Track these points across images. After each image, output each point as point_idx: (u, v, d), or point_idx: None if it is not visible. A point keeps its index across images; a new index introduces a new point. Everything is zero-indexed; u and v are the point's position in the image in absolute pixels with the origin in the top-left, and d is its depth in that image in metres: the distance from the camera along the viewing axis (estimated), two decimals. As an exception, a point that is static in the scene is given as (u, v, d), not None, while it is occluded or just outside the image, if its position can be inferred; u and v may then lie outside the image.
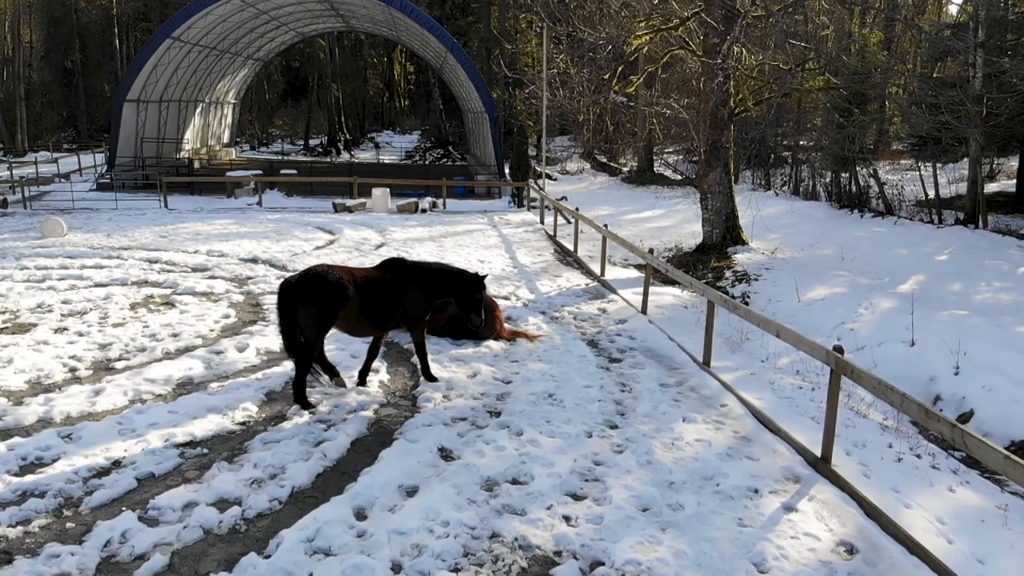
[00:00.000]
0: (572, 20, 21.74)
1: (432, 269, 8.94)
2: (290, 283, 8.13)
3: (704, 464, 7.24)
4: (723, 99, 17.54)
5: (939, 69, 32.46)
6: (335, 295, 8.07)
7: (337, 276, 8.17)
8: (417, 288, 8.75)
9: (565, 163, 48.13)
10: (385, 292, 8.50)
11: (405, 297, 8.65)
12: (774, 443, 7.84)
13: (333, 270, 8.25)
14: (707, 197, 18.93)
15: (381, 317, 8.53)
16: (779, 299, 15.36)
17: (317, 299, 8.01)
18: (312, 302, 8.01)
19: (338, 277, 8.16)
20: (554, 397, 8.89)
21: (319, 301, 8.02)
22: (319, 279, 8.07)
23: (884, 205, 25.24)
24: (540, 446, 7.48)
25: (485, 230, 23.22)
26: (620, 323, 12.56)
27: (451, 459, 7.24)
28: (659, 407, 8.64)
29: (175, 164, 35.83)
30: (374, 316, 8.46)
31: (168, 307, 12.91)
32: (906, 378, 11.64)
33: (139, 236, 20.38)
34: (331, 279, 8.09)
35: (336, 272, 8.23)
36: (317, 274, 8.12)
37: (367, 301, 8.33)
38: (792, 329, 8.19)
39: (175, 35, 32.25)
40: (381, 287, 8.50)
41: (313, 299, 8.01)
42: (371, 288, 8.41)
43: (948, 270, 17.36)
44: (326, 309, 8.07)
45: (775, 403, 9.07)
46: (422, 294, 8.80)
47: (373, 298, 8.38)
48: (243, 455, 7.28)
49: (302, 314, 8.05)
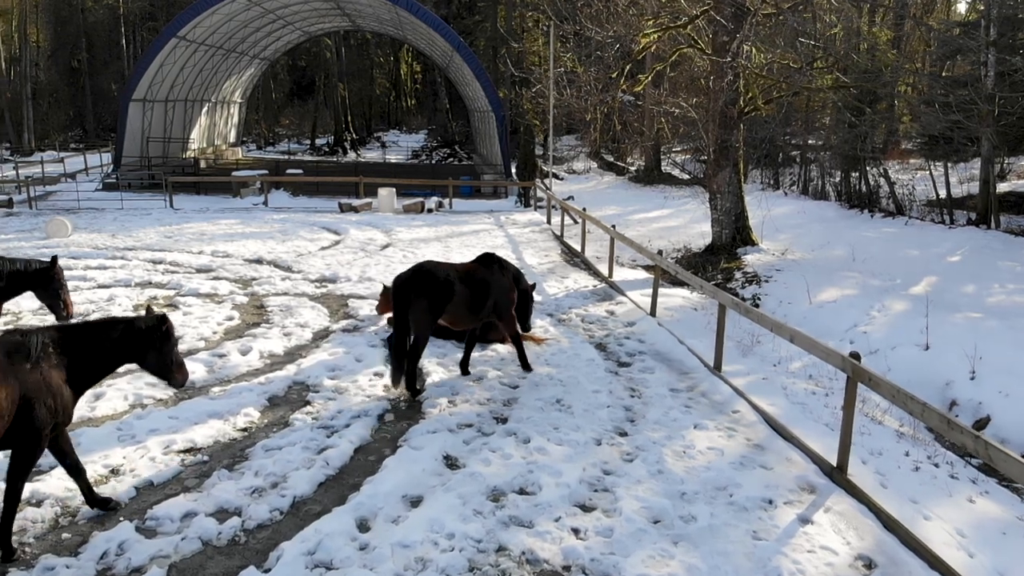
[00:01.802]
0: (579, 18, 21.55)
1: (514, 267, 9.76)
2: (404, 279, 8.59)
3: (717, 473, 7.04)
4: (732, 98, 17.32)
5: (948, 68, 32.18)
6: (444, 290, 8.60)
7: (445, 272, 8.72)
8: (508, 280, 9.37)
9: (572, 162, 47.91)
10: (483, 284, 9.04)
11: (498, 289, 9.20)
12: (788, 451, 7.64)
13: (440, 266, 8.85)
14: (716, 197, 18.71)
15: (479, 308, 9.06)
16: (790, 301, 15.13)
17: (428, 293, 8.53)
18: (424, 296, 8.51)
19: (446, 273, 8.70)
20: (562, 403, 8.70)
21: (430, 295, 8.53)
22: (430, 275, 8.58)
23: (895, 205, 24.98)
24: (548, 454, 7.30)
25: (491, 230, 23.04)
26: (629, 326, 12.37)
27: (456, 467, 7.06)
28: (670, 413, 8.45)
29: (181, 164, 35.77)
30: (475, 307, 9.00)
31: (171, 309, 12.76)
32: (921, 383, 11.41)
33: (144, 236, 20.26)
34: (440, 275, 8.62)
35: (443, 268, 8.82)
36: (428, 271, 8.64)
37: (471, 294, 8.87)
38: (806, 334, 7.99)
39: (181, 34, 32.16)
40: (480, 279, 9.04)
41: (425, 293, 8.52)
42: (472, 281, 8.95)
43: (961, 271, 17.10)
44: (436, 303, 8.58)
45: (788, 409, 8.87)
46: (510, 287, 9.39)
47: (474, 291, 8.93)
48: (244, 462, 7.12)
49: (415, 307, 8.53)
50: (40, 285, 8.91)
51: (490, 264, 9.32)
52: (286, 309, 12.69)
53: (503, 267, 9.39)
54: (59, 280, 8.98)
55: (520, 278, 9.66)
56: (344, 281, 15.00)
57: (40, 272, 8.84)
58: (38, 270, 8.84)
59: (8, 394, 5.18)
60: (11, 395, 5.20)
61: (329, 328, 11.74)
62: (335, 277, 15.23)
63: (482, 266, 9.26)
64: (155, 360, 6.02)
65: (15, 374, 5.30)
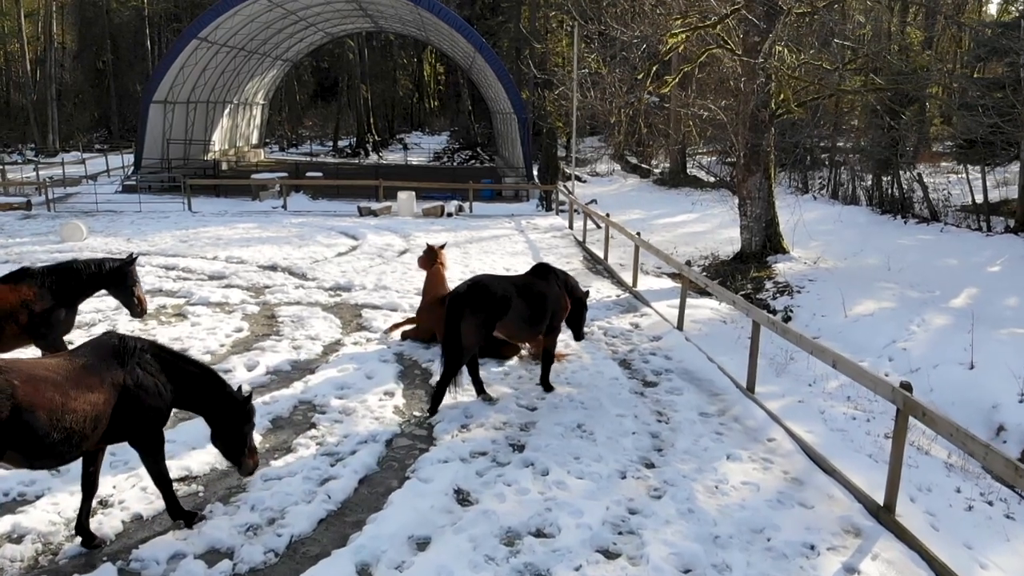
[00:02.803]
0: (604, 19, 20.96)
1: (572, 277, 9.55)
2: (459, 294, 8.41)
3: (752, 513, 6.44)
4: (764, 100, 16.65)
5: (979, 70, 31.21)
6: (500, 305, 8.42)
7: (502, 286, 8.56)
8: (562, 292, 9.10)
9: (595, 164, 47.24)
10: (540, 297, 8.82)
11: (553, 302, 8.95)
12: (829, 486, 7.02)
13: (497, 280, 8.74)
14: (746, 203, 18.04)
15: (538, 321, 8.84)
16: (823, 314, 14.46)
17: (485, 309, 8.35)
18: (480, 312, 8.34)
19: (503, 288, 8.55)
20: (583, 428, 8.13)
21: (487, 311, 8.37)
22: (486, 290, 8.41)
23: (929, 211, 24.13)
24: (568, 489, 6.73)
25: (512, 235, 22.49)
26: (654, 340, 11.76)
27: (468, 503, 6.52)
28: (700, 441, 7.85)
29: (202, 166, 35.58)
30: (533, 321, 8.80)
31: (180, 319, 12.35)
32: (965, 404, 10.74)
33: (159, 240, 19.94)
34: (496, 290, 8.46)
35: (500, 282, 8.69)
36: (485, 285, 8.47)
37: (528, 307, 8.67)
38: (851, 360, 7.36)
39: (202, 35, 31.93)
40: (538, 293, 8.83)
41: (481, 309, 8.34)
42: (530, 294, 8.73)
43: (1002, 282, 16.33)
44: (491, 319, 8.42)
45: (827, 437, 8.25)
46: (564, 299, 9.13)
47: (532, 304, 8.71)
48: (240, 494, 6.63)
49: (468, 322, 8.31)
50: (114, 283, 8.86)
51: (546, 275, 9.12)
52: (297, 320, 12.22)
53: (558, 277, 9.19)
54: (133, 278, 8.94)
55: (575, 287, 9.39)
56: (359, 289, 14.53)
57: (115, 271, 8.78)
58: (113, 269, 8.78)
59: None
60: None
61: (340, 341, 11.26)
62: (350, 285, 14.77)
63: (538, 278, 9.06)
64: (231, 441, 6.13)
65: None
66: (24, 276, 8.25)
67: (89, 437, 5.29)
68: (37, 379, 5.06)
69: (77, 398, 5.18)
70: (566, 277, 9.36)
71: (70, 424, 5.11)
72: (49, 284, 8.27)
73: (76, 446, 5.24)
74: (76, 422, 5.15)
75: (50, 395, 5.05)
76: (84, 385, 5.26)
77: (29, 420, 4.93)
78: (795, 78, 17.29)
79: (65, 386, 5.16)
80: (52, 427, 5.03)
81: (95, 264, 8.69)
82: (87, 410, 5.22)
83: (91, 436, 5.30)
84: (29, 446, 5.01)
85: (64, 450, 5.19)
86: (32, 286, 8.15)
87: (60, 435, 5.08)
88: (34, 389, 4.99)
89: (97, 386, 5.31)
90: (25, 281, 8.18)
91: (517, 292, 8.59)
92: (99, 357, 5.49)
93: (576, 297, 9.34)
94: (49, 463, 5.33)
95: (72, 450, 5.25)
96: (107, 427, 5.41)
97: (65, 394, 5.13)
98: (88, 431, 5.24)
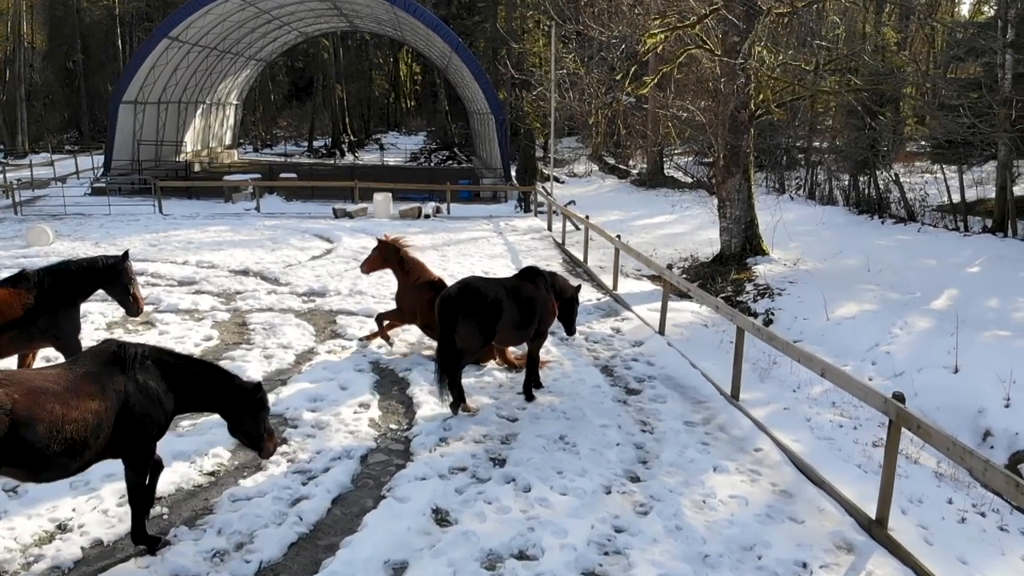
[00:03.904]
0: (582, 18, 20.74)
1: (560, 275, 9.45)
2: (450, 296, 8.19)
3: (742, 530, 6.22)
4: (743, 101, 16.49)
5: (952, 70, 31.35)
6: (493, 309, 8.22)
7: (493, 289, 8.35)
8: (550, 296, 8.97)
9: (572, 165, 47.04)
10: (529, 302, 8.63)
11: (542, 306, 8.78)
12: (819, 499, 6.82)
13: (488, 283, 8.53)
14: (725, 205, 17.86)
15: (527, 326, 8.66)
16: (805, 316, 14.29)
17: (478, 312, 8.14)
18: (474, 315, 8.14)
19: (494, 291, 8.34)
20: (566, 440, 7.87)
21: (480, 314, 8.15)
22: (478, 293, 8.21)
23: (906, 211, 24.15)
24: (551, 506, 6.47)
25: (490, 237, 22.22)
26: (636, 345, 11.55)
27: (447, 523, 6.24)
28: (686, 452, 7.62)
29: (174, 167, 34.92)
30: (522, 325, 8.62)
31: (147, 327, 11.94)
32: (951, 409, 10.59)
33: (128, 245, 19.40)
34: (488, 293, 8.25)
35: (491, 285, 8.48)
36: (476, 288, 8.26)
37: (519, 312, 8.49)
38: (840, 368, 7.17)
39: (173, 35, 31.32)
40: (527, 297, 8.64)
41: (474, 312, 8.13)
42: (519, 298, 8.54)
43: (982, 283, 16.28)
44: (485, 322, 8.21)
45: (815, 446, 8.06)
46: (552, 303, 9.00)
47: (522, 308, 8.54)
48: (207, 516, 6.31)
49: (463, 327, 8.13)
50: (110, 281, 8.58)
51: (535, 279, 8.99)
52: (269, 327, 11.86)
53: (546, 280, 9.07)
54: (128, 275, 8.66)
55: (564, 286, 9.30)
56: (333, 295, 14.18)
57: (109, 268, 8.52)
58: (107, 266, 8.53)
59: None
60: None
61: (314, 349, 10.92)
62: (324, 290, 14.42)
63: (527, 282, 8.91)
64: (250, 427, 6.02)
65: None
66: (21, 279, 8.11)
67: (91, 447, 5.21)
68: (37, 391, 4.98)
69: (78, 407, 5.10)
70: (554, 279, 9.23)
71: (71, 434, 5.03)
72: (47, 285, 8.12)
73: (78, 456, 5.16)
74: (77, 432, 5.07)
75: (50, 407, 4.96)
76: (85, 393, 5.19)
77: (28, 435, 4.83)
78: (774, 78, 17.15)
79: (65, 396, 5.08)
80: (52, 439, 4.94)
81: (88, 262, 8.52)
82: (88, 419, 5.14)
83: (93, 445, 5.22)
84: (29, 460, 4.92)
85: (66, 461, 5.11)
86: (31, 289, 8.03)
87: (60, 447, 5.00)
88: (34, 402, 4.90)
89: (98, 394, 5.24)
90: (22, 284, 8.05)
91: (507, 295, 8.42)
92: (99, 364, 5.42)
93: (568, 297, 9.27)
94: (52, 475, 5.22)
95: (74, 461, 5.16)
96: (110, 436, 5.32)
97: (65, 404, 5.05)
98: (90, 440, 5.17)
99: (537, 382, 9.21)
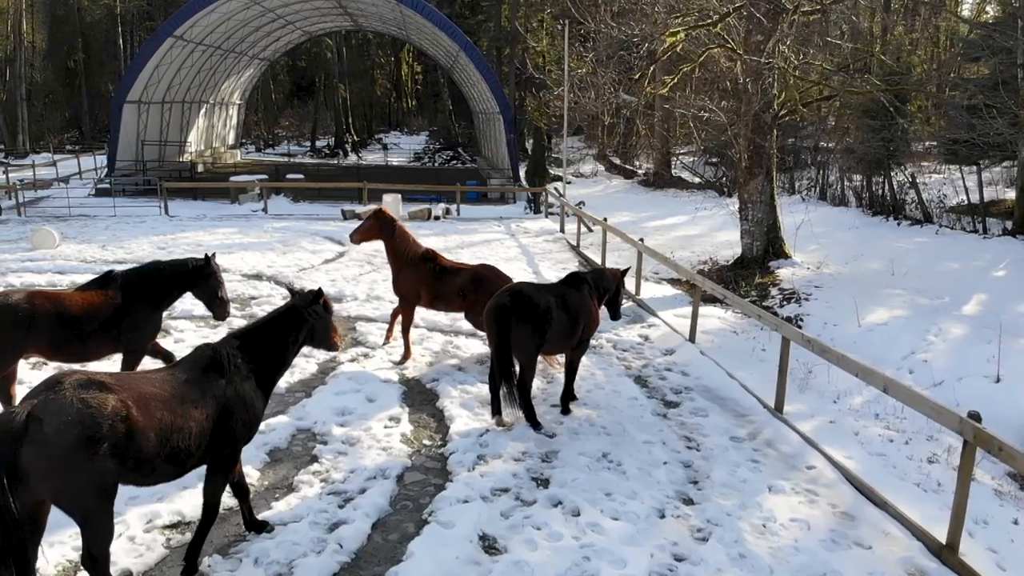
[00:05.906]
0: (593, 17, 20.37)
1: (607, 271, 9.32)
2: (503, 304, 7.95)
3: (809, 557, 5.86)
4: (767, 101, 16.12)
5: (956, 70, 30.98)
6: (545, 315, 8.00)
7: (544, 296, 8.15)
8: (595, 305, 8.78)
9: (579, 165, 46.69)
10: (576, 310, 8.41)
11: (586, 313, 8.54)
12: (883, 522, 6.46)
13: (538, 289, 8.31)
14: (747, 207, 17.50)
15: (572, 334, 8.44)
16: (835, 323, 13.92)
17: (531, 318, 7.92)
18: (528, 321, 7.91)
19: (545, 297, 8.13)
20: (610, 458, 7.50)
21: (534, 320, 7.92)
22: (530, 300, 7.98)
23: (922, 212, 23.78)
24: (604, 532, 6.10)
25: (503, 240, 21.85)
26: (667, 354, 11.18)
27: (496, 551, 5.87)
28: (737, 471, 7.26)
29: (178, 167, 34.54)
30: (569, 333, 8.39)
31: (161, 334, 11.54)
32: (995, 421, 10.13)
33: (136, 247, 19.06)
34: (540, 300, 8.03)
35: (541, 292, 8.26)
36: (528, 295, 8.03)
37: (567, 319, 8.28)
38: (905, 385, 6.80)
39: (177, 33, 30.95)
40: (574, 304, 8.42)
41: (528, 318, 7.91)
42: (567, 306, 8.32)
43: (1010, 288, 15.91)
44: (539, 328, 7.98)
45: (868, 463, 7.70)
46: (596, 309, 8.80)
47: (570, 316, 8.32)
48: (241, 544, 5.94)
49: (518, 334, 7.88)
50: (198, 283, 8.39)
51: (579, 285, 8.73)
52: (288, 335, 11.48)
53: (590, 286, 8.80)
54: (216, 277, 8.45)
55: (608, 282, 9.11)
56: (350, 300, 13.83)
57: (198, 269, 8.32)
58: (196, 267, 8.33)
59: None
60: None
61: (336, 358, 10.55)
62: (340, 295, 14.06)
63: (574, 289, 8.66)
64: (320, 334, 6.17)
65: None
66: (110, 280, 7.95)
67: (194, 455, 5.14)
68: (147, 397, 4.87)
69: (183, 415, 5.03)
70: (597, 280, 8.98)
71: (177, 443, 4.97)
72: (135, 287, 7.96)
73: (181, 464, 5.09)
74: (183, 440, 5.00)
75: (159, 414, 4.87)
76: (188, 401, 5.11)
77: (141, 443, 4.71)
78: (800, 78, 16.78)
79: (172, 403, 5.00)
80: (161, 447, 4.85)
81: (179, 264, 8.36)
82: (191, 427, 5.07)
83: (196, 454, 5.14)
84: (140, 468, 4.80)
85: (170, 469, 5.04)
86: (118, 290, 7.87)
87: (168, 453, 4.92)
88: (146, 409, 4.80)
89: (200, 401, 5.17)
90: (111, 285, 7.90)
91: (557, 303, 8.21)
92: (199, 371, 5.33)
93: (613, 293, 9.17)
94: (156, 481, 5.14)
95: (179, 468, 5.10)
96: (209, 442, 5.24)
97: (173, 411, 4.97)
98: (194, 448, 5.11)
99: (567, 404, 8.86)
